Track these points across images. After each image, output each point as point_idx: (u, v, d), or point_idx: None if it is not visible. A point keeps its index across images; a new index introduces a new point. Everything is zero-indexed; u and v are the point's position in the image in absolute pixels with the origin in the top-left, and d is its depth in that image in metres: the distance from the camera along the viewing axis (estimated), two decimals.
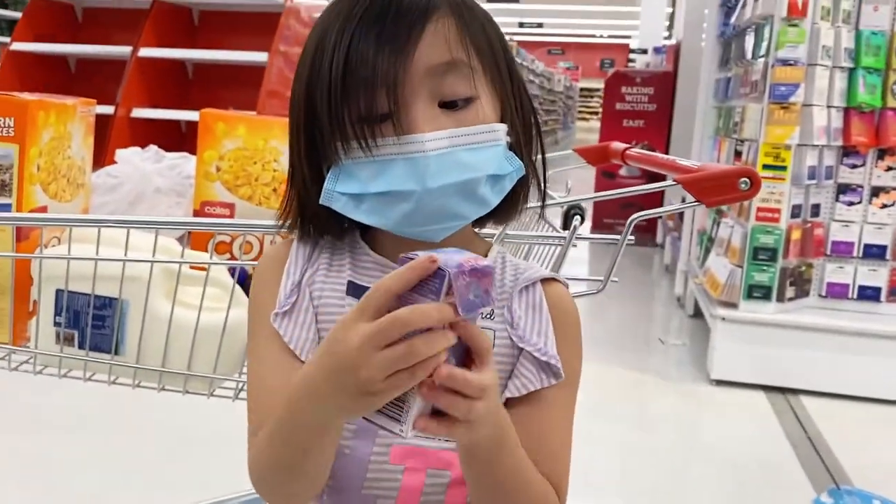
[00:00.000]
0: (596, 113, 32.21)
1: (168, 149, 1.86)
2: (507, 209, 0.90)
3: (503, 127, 0.85)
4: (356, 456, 0.85)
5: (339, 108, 0.80)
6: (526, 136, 0.89)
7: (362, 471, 0.85)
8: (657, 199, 6.61)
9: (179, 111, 4.66)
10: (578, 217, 1.10)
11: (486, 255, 0.92)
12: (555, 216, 1.42)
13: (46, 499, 2.47)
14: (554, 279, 0.92)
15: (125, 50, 4.58)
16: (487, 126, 0.83)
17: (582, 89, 34.11)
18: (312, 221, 0.89)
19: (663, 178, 1.32)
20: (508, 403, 0.85)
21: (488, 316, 0.87)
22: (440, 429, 0.69)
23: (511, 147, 0.86)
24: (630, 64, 11.95)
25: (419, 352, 0.65)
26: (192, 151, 1.82)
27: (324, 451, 0.78)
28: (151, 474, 2.62)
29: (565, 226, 1.13)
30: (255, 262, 1.38)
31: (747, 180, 1.09)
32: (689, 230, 5.15)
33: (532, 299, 0.89)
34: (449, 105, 0.82)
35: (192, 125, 4.87)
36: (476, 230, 0.95)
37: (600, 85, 18.56)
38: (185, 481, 2.54)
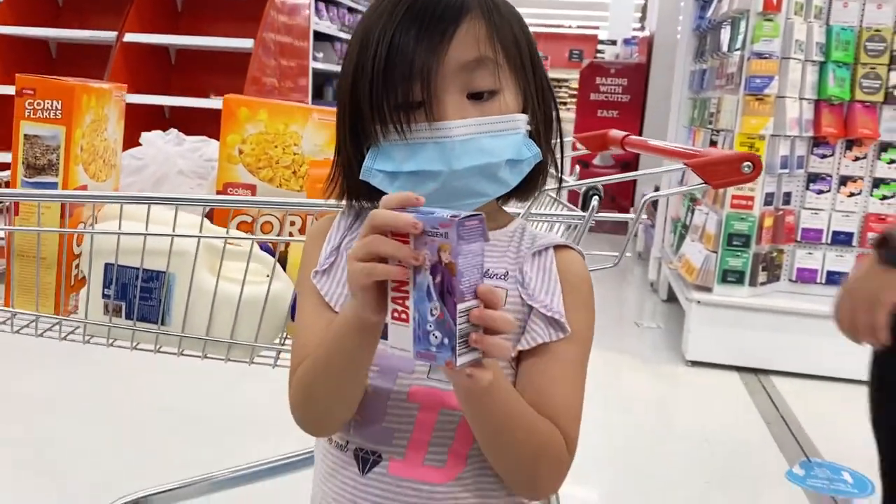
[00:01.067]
0: (565, 103, 32.27)
1: None
2: (527, 188, 1.01)
3: (524, 117, 0.96)
4: (378, 393, 0.96)
5: (380, 96, 0.91)
6: (546, 125, 1.00)
7: (383, 406, 0.96)
8: (629, 185, 6.80)
9: (162, 97, 4.70)
10: (597, 197, 1.21)
11: (507, 226, 1.03)
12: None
13: (61, 486, 2.50)
14: (568, 246, 1.02)
15: (109, 35, 4.59)
16: (508, 116, 0.94)
17: (551, 79, 34.24)
18: (354, 194, 1.01)
19: (636, 166, 1.43)
20: (520, 357, 0.96)
21: (502, 277, 0.97)
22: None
23: (532, 134, 0.97)
24: (598, 55, 12.06)
25: (366, 243, 0.78)
26: None
27: (360, 367, 0.91)
28: (163, 456, 2.69)
29: (584, 206, 1.23)
30: (294, 239, 1.47)
31: (750, 164, 1.21)
32: (662, 218, 5.29)
33: (543, 263, 0.99)
34: (476, 97, 0.93)
35: (175, 110, 4.90)
36: (501, 206, 1.05)
37: (569, 76, 18.63)
38: (195, 460, 2.61)
